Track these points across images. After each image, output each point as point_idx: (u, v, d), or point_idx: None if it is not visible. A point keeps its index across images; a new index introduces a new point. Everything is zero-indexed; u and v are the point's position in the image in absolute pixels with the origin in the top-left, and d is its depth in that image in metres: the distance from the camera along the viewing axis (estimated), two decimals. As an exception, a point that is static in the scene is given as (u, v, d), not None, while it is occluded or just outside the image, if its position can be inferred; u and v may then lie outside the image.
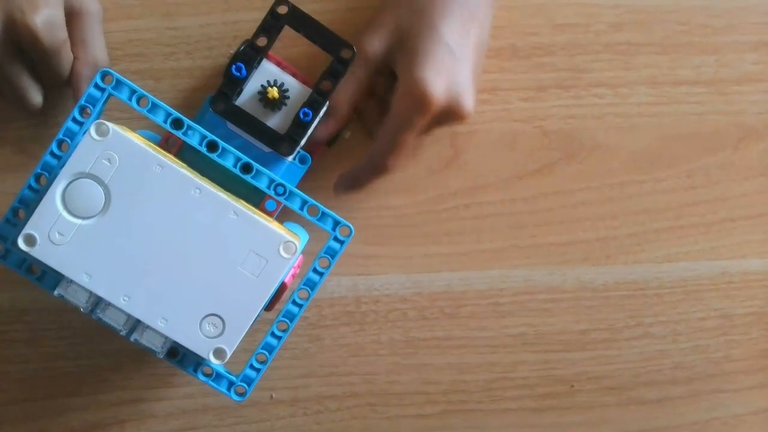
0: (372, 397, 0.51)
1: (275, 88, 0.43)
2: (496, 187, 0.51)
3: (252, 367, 0.41)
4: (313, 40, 0.43)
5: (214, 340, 0.38)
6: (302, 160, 0.46)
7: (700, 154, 0.53)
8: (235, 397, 0.41)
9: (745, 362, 0.54)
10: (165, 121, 0.38)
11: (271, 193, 0.39)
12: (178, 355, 0.41)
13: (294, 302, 0.41)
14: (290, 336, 0.49)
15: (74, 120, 0.38)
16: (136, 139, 0.37)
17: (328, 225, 0.40)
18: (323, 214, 0.40)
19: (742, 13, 0.52)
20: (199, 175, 0.38)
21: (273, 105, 0.44)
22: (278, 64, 0.45)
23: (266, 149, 0.44)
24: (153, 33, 0.48)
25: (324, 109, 0.44)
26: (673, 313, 0.53)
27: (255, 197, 0.42)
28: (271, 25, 0.42)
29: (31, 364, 0.49)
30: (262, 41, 0.43)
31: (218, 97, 0.43)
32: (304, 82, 0.45)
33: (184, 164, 0.39)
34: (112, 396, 0.50)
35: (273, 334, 0.41)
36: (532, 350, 0.52)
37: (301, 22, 0.43)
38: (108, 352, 0.49)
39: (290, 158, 0.45)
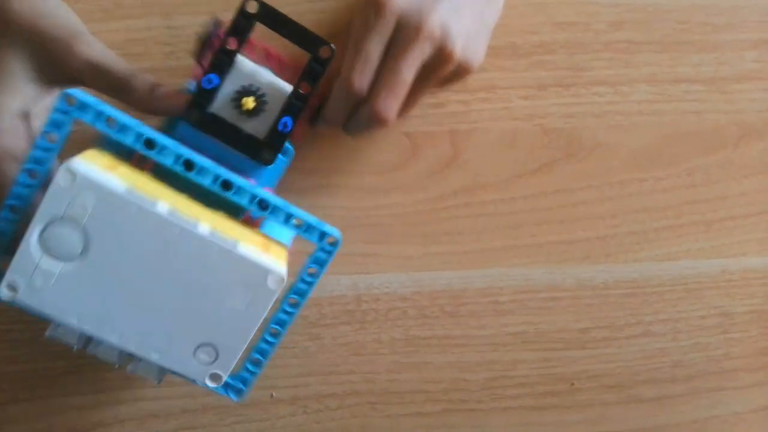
0: (372, 396, 0.51)
1: (251, 98, 0.41)
2: (496, 186, 0.51)
3: (247, 370, 0.41)
4: (290, 39, 0.40)
5: (208, 367, 0.38)
6: (284, 152, 0.45)
7: (700, 153, 0.53)
8: (234, 398, 0.41)
9: (744, 360, 0.54)
10: (136, 142, 0.36)
11: (254, 208, 0.38)
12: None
13: (284, 311, 0.40)
14: (290, 335, 0.50)
15: (41, 148, 0.36)
16: (108, 176, 0.35)
17: (314, 236, 0.39)
18: (309, 226, 0.39)
19: (741, 12, 0.52)
20: (177, 204, 0.37)
21: (250, 113, 0.41)
22: (264, 51, 0.42)
23: None
24: (153, 32, 0.48)
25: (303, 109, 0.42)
26: (673, 311, 0.53)
27: (239, 207, 0.41)
28: (241, 26, 0.40)
29: (31, 364, 0.49)
30: (232, 43, 0.40)
31: (191, 107, 0.40)
32: (293, 67, 0.42)
33: (160, 183, 0.38)
34: (112, 395, 0.50)
35: (266, 341, 0.41)
36: (532, 349, 0.52)
37: (274, 20, 0.40)
38: (108, 352, 0.50)
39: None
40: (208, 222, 0.37)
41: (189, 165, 0.37)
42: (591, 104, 0.52)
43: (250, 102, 0.41)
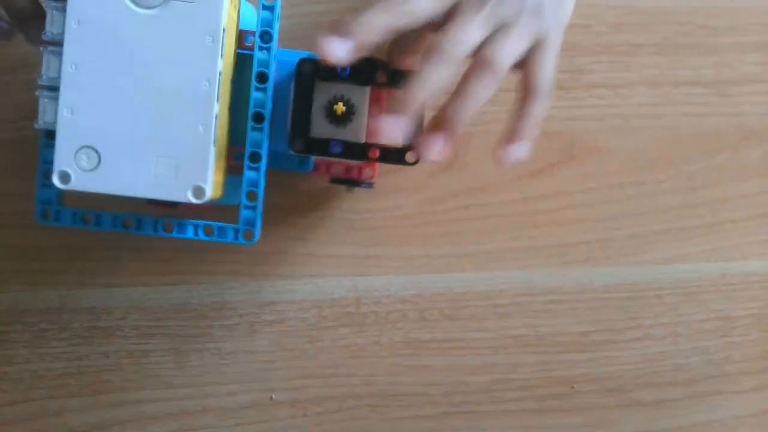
0: (372, 399, 0.51)
1: (340, 104, 0.42)
2: (496, 188, 0.51)
3: (246, 207, 0.41)
4: (383, 86, 0.42)
5: (185, 182, 0.37)
6: (303, 164, 0.46)
7: (700, 156, 0.53)
8: (244, 242, 0.41)
9: (745, 364, 0.54)
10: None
11: (247, 160, 0.40)
12: (173, 228, 0.41)
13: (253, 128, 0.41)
14: (290, 337, 0.50)
15: None
16: None
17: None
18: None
19: (742, 14, 0.52)
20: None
21: (339, 121, 0.42)
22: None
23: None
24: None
25: None
26: (673, 314, 0.53)
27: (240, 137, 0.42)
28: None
29: (31, 365, 0.49)
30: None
31: (294, 134, 0.42)
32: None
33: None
34: (112, 397, 0.50)
35: (249, 167, 0.41)
36: (533, 351, 0.52)
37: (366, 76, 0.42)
38: (108, 353, 0.49)
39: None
40: None
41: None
42: (591, 107, 0.52)
43: (340, 107, 0.41)
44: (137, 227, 0.42)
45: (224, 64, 0.38)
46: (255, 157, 0.41)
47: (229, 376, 0.50)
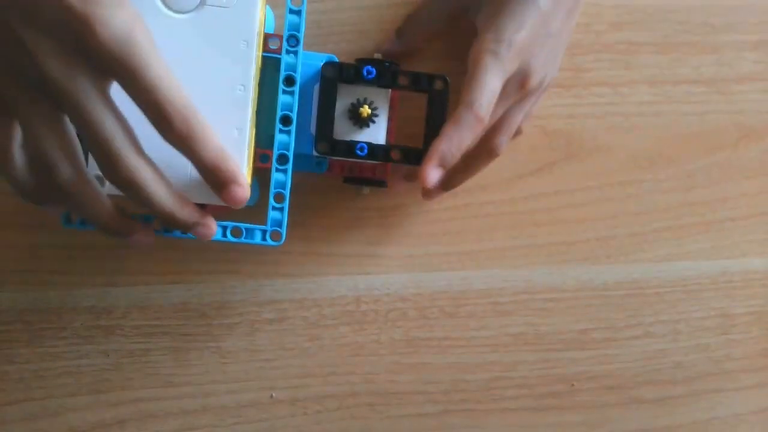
0: (372, 397, 0.51)
1: (365, 107, 0.43)
2: (496, 186, 0.51)
3: (274, 208, 0.41)
4: (403, 89, 0.44)
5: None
6: (319, 165, 0.47)
7: (700, 154, 0.53)
8: (273, 243, 0.42)
9: (745, 361, 0.54)
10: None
11: (275, 162, 0.41)
12: None
13: (282, 130, 0.41)
14: (290, 335, 0.50)
15: None
16: None
17: None
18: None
19: (742, 12, 0.52)
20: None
21: (362, 123, 0.44)
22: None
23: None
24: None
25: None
26: (673, 312, 0.53)
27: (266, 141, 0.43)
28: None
29: (31, 364, 0.49)
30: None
31: (320, 136, 0.43)
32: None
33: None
34: (112, 396, 0.50)
35: (278, 169, 0.41)
36: (532, 350, 0.52)
37: (390, 79, 0.43)
38: (107, 352, 0.49)
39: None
40: None
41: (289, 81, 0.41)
42: (591, 105, 0.52)
43: (366, 110, 0.43)
44: (166, 229, 0.42)
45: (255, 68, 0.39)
46: (283, 159, 0.41)
47: (230, 375, 0.50)
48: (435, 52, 0.42)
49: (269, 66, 0.41)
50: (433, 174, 0.42)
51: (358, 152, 0.43)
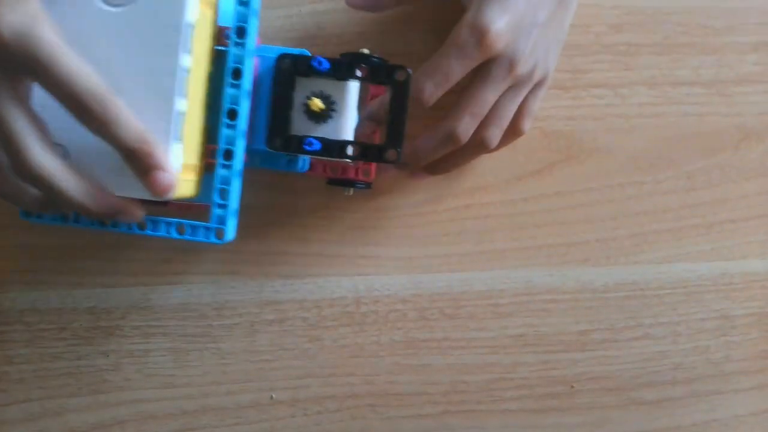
0: (372, 398, 0.51)
1: (317, 100, 0.41)
2: (496, 187, 0.51)
3: (219, 205, 0.40)
4: (364, 80, 0.42)
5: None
6: (291, 163, 0.45)
7: (700, 155, 0.53)
8: (216, 240, 0.41)
9: (745, 363, 0.54)
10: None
11: (220, 158, 0.40)
12: (147, 225, 0.42)
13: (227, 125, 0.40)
14: (290, 336, 0.50)
15: None
16: None
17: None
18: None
19: (741, 14, 0.52)
20: None
21: (318, 117, 0.42)
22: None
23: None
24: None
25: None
26: (673, 314, 0.53)
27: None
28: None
29: (31, 365, 0.49)
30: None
31: (272, 132, 0.41)
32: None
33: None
34: (112, 396, 0.50)
35: (223, 165, 0.40)
36: (532, 351, 0.52)
37: (347, 70, 0.41)
38: (107, 353, 0.49)
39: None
40: None
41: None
42: (591, 107, 0.52)
43: (316, 104, 0.41)
44: (113, 224, 0.42)
45: (195, 60, 0.38)
46: (228, 155, 0.40)
47: (229, 376, 0.50)
48: (430, 52, 0.42)
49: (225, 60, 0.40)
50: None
51: (306, 147, 0.41)
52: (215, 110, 0.41)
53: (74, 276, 0.49)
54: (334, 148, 0.41)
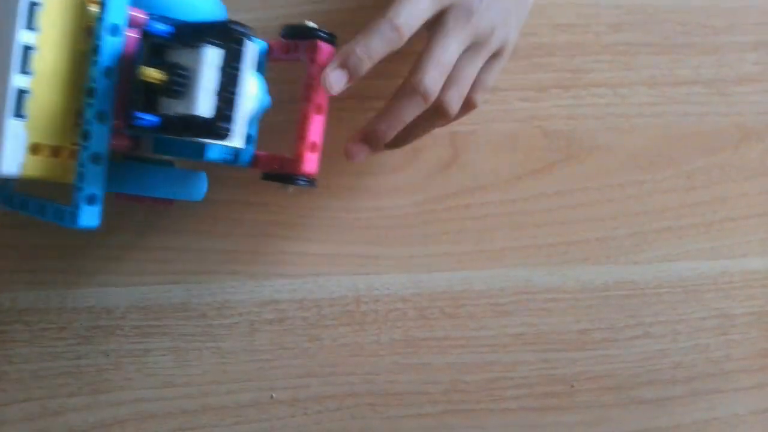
0: (372, 397, 0.51)
1: (146, 69, 0.36)
2: (496, 187, 0.51)
3: (76, 188, 0.37)
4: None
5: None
6: (197, 152, 0.41)
7: (700, 155, 0.53)
8: (69, 224, 0.37)
9: (745, 362, 0.54)
10: None
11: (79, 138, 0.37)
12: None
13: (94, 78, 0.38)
14: (290, 335, 0.50)
15: None
16: None
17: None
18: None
19: (741, 14, 0.52)
20: None
21: (164, 92, 0.37)
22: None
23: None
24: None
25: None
26: (673, 312, 0.53)
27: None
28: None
29: (31, 364, 0.49)
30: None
31: (121, 111, 0.37)
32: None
33: None
34: (112, 396, 0.50)
35: (81, 146, 0.37)
36: (532, 350, 0.52)
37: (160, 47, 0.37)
38: (108, 352, 0.49)
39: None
40: None
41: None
42: (591, 106, 0.52)
43: (147, 73, 0.36)
44: (10, 204, 0.42)
45: (55, 38, 0.37)
46: (86, 136, 0.37)
47: (229, 375, 0.50)
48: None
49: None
50: (334, 76, 0.40)
51: (136, 123, 0.36)
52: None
53: (74, 276, 0.49)
54: (174, 123, 0.36)
